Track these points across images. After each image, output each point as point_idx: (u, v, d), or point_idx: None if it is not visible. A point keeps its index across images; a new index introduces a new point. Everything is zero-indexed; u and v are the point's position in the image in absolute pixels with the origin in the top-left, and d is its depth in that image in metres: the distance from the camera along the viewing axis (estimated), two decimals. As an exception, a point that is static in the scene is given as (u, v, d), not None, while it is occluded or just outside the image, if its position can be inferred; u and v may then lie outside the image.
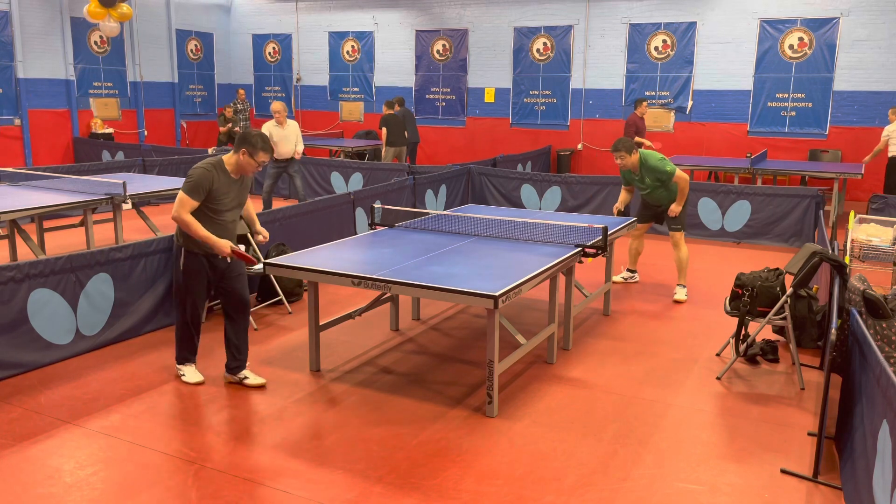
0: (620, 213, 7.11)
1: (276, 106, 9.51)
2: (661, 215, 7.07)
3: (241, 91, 15.90)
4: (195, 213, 4.51)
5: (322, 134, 16.81)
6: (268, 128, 9.51)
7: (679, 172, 6.73)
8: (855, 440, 3.66)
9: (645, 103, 12.01)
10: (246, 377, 4.86)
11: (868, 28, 12.29)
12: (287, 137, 9.57)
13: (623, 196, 7.18)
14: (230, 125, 15.20)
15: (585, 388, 4.92)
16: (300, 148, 9.79)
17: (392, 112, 13.07)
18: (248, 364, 4.95)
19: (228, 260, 4.70)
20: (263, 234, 5.09)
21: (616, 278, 7.50)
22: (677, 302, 6.92)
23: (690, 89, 13.77)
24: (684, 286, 7.04)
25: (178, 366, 4.98)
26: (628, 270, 7.58)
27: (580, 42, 14.53)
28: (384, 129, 12.99)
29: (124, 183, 7.52)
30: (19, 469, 3.80)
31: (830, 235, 6.52)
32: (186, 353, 4.95)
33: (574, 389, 4.90)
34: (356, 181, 11.58)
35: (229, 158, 4.59)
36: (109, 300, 5.55)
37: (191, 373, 4.93)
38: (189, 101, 17.25)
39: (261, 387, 4.84)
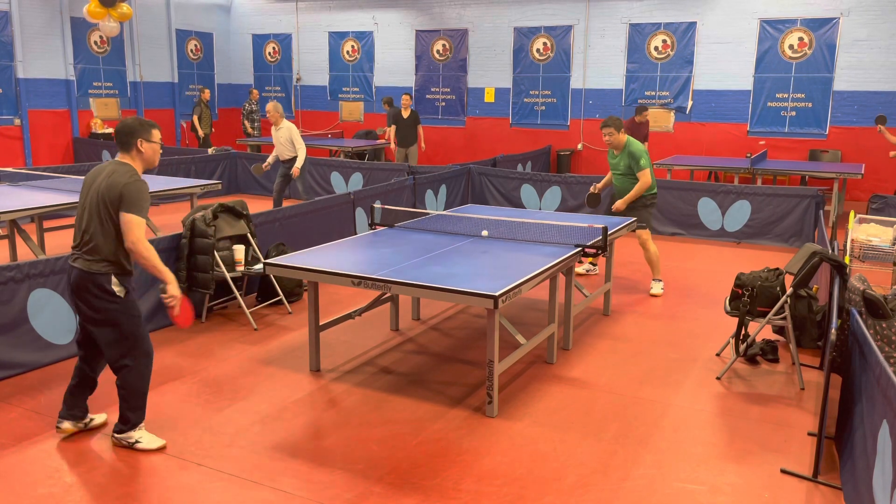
0: (592, 195, 7.31)
1: (268, 107, 9.53)
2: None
3: (255, 91, 15.73)
4: (117, 230, 3.78)
5: (322, 134, 16.80)
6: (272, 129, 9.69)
7: (646, 175, 6.90)
8: (855, 440, 3.66)
9: (647, 112, 12.04)
10: (93, 419, 4.27)
11: (868, 28, 12.29)
12: (279, 138, 9.52)
13: (606, 179, 7.47)
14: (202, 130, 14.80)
15: (585, 388, 4.92)
16: (300, 158, 9.31)
17: (400, 110, 13.10)
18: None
19: (168, 302, 3.90)
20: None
21: (579, 270, 7.72)
22: (654, 296, 7.09)
23: (690, 89, 13.77)
24: (660, 280, 7.23)
25: (131, 433, 4.00)
26: (590, 263, 7.83)
27: (580, 42, 14.52)
28: (393, 127, 13.04)
29: (124, 183, 7.50)
30: (19, 469, 3.79)
31: (830, 235, 6.52)
32: (143, 405, 4.02)
33: (574, 389, 4.90)
34: (356, 181, 11.58)
35: (132, 160, 3.88)
36: (109, 300, 5.53)
37: (148, 437, 4.06)
38: (189, 101, 17.23)
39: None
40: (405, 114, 13.08)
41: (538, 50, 14.94)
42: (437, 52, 15.95)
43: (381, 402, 4.66)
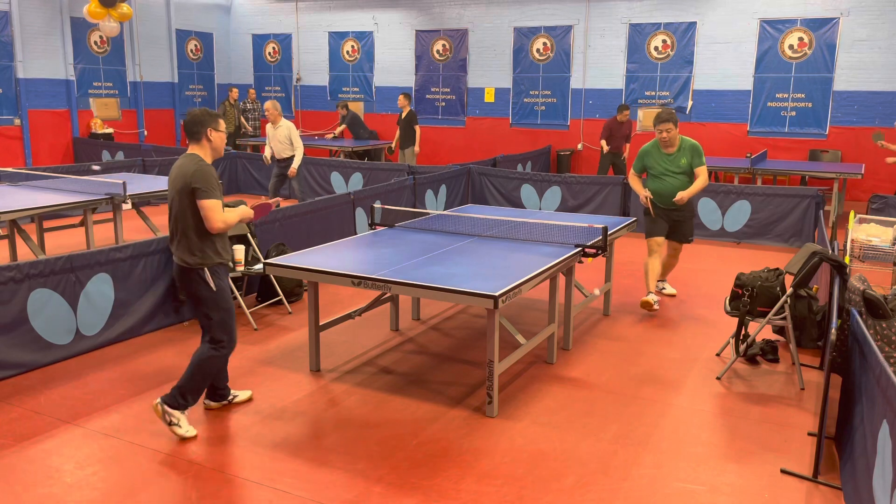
0: (649, 210, 6.64)
1: (266, 105, 9.56)
2: (674, 224, 6.74)
3: (252, 91, 15.81)
4: (196, 221, 4.05)
5: (322, 134, 16.79)
6: (267, 127, 9.70)
7: (706, 170, 6.72)
8: (855, 440, 3.66)
9: (627, 111, 12.16)
10: (236, 395, 4.63)
11: (868, 28, 12.29)
12: (277, 137, 9.52)
13: (640, 184, 6.70)
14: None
15: (585, 388, 4.92)
16: (298, 157, 9.38)
17: (401, 116, 13.10)
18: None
19: (254, 220, 4.38)
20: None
21: (649, 299, 6.41)
22: (671, 295, 7.12)
23: (690, 89, 13.77)
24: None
25: (177, 412, 4.15)
26: (660, 282, 7.06)
27: (580, 42, 14.52)
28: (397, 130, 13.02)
29: (124, 183, 7.52)
30: (19, 469, 3.80)
31: (830, 235, 6.52)
32: (202, 391, 4.26)
33: (574, 389, 4.90)
34: (356, 181, 11.58)
35: (202, 150, 4.15)
36: (109, 300, 5.55)
37: (187, 424, 4.20)
38: (189, 101, 17.24)
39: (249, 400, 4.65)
40: (402, 113, 13.04)
41: (538, 50, 14.94)
42: (437, 52, 15.95)
43: (381, 402, 4.66)
